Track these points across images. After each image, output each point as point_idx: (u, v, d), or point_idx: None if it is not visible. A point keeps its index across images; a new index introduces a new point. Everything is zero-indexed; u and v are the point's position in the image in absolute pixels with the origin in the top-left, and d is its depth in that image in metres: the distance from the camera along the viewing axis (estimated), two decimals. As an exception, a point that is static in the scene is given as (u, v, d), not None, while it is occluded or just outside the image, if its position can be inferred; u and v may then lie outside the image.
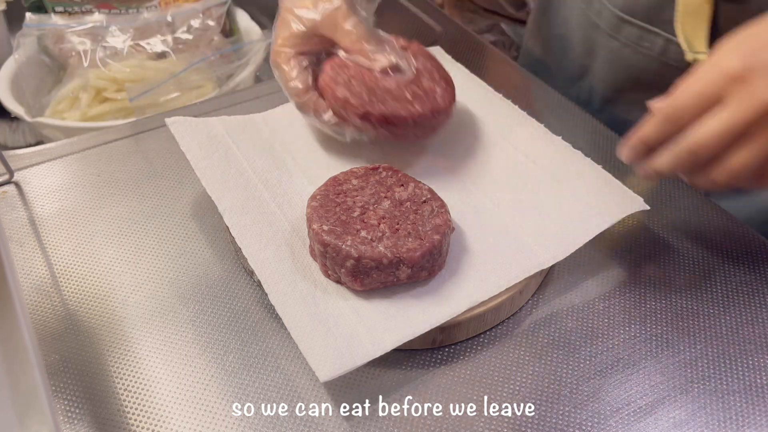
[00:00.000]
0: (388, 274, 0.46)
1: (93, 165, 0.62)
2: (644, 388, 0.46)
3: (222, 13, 0.88)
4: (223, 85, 0.82)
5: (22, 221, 0.57)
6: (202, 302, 0.51)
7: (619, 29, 0.65)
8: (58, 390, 0.45)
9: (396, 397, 0.45)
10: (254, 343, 0.48)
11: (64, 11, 0.86)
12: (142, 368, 0.47)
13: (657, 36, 0.62)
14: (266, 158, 0.57)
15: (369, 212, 0.49)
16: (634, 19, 0.63)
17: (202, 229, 0.56)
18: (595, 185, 0.54)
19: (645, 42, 0.63)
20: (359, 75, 0.54)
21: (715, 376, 0.46)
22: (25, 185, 0.60)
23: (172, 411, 0.44)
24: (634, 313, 0.50)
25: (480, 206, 0.54)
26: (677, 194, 0.60)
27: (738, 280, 0.53)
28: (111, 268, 0.53)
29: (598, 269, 0.53)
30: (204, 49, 0.84)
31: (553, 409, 0.44)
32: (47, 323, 0.49)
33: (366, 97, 0.53)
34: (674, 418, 0.44)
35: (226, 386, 0.45)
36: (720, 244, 0.55)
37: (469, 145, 0.60)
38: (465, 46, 0.79)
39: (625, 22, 0.64)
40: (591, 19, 0.68)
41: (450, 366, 0.47)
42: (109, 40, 0.83)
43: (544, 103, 0.71)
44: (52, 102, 0.81)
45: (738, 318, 0.50)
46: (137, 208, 0.58)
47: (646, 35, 0.63)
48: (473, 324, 0.48)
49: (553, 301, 0.51)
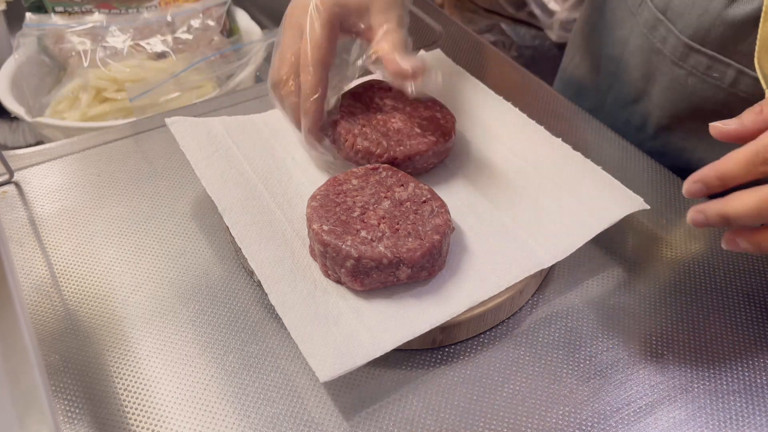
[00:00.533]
0: (388, 274, 0.46)
1: (93, 165, 0.62)
2: (644, 388, 0.46)
3: (222, 13, 0.88)
4: (223, 85, 0.82)
5: (22, 221, 0.57)
6: (202, 302, 0.51)
7: (686, 58, 0.61)
8: (58, 390, 0.45)
9: (396, 397, 0.45)
10: (254, 343, 0.48)
11: (64, 11, 0.86)
12: (142, 368, 0.47)
13: (728, 66, 0.58)
14: (266, 158, 0.57)
15: (369, 212, 0.49)
16: (704, 48, 0.59)
17: (202, 229, 0.56)
18: (595, 185, 0.54)
19: (714, 72, 0.59)
20: (368, 122, 0.56)
21: (715, 376, 0.46)
22: (25, 185, 0.60)
23: (172, 411, 0.44)
24: (634, 313, 0.50)
25: (480, 206, 0.54)
26: (677, 194, 0.60)
27: (738, 279, 0.53)
28: (111, 268, 0.53)
29: (598, 269, 0.53)
30: (204, 49, 0.84)
31: (553, 409, 0.44)
32: (47, 323, 0.49)
33: (384, 143, 0.54)
34: (674, 418, 0.44)
35: (226, 386, 0.45)
36: (720, 244, 0.55)
37: (469, 146, 0.60)
38: (465, 46, 0.79)
39: (693, 51, 0.60)
40: (654, 44, 0.64)
41: (450, 366, 0.47)
42: (109, 40, 0.83)
43: (543, 104, 0.71)
44: (52, 102, 0.81)
45: (738, 318, 0.50)
46: (137, 208, 0.58)
47: (716, 65, 0.59)
48: (473, 324, 0.48)
49: (553, 301, 0.51)
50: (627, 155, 0.64)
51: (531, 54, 1.52)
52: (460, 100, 0.63)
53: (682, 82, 0.62)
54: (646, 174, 0.62)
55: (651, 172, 0.62)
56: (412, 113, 0.57)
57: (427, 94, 0.59)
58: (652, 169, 0.62)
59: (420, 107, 0.58)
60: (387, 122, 0.56)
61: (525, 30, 1.53)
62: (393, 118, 0.56)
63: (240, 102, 0.70)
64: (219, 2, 0.88)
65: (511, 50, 1.53)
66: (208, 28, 0.86)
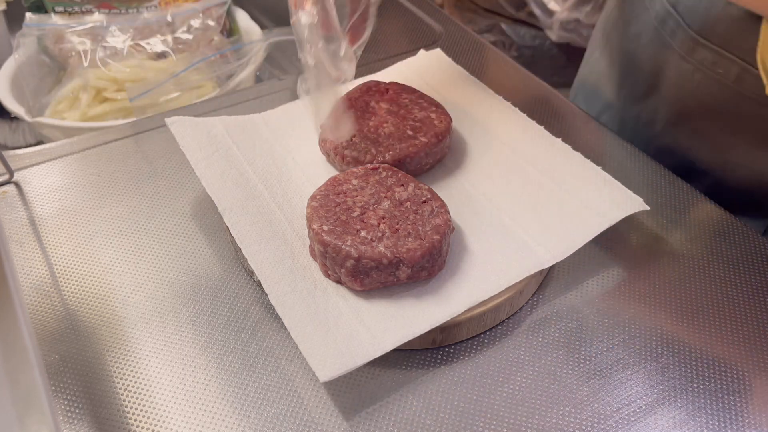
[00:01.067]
0: (388, 274, 0.46)
1: (93, 165, 0.62)
2: (644, 388, 0.46)
3: (222, 13, 0.88)
4: (223, 85, 0.82)
5: (22, 221, 0.57)
6: (202, 302, 0.51)
7: (693, 52, 0.61)
8: (58, 390, 0.45)
9: (396, 397, 0.45)
10: (254, 343, 0.48)
11: (64, 11, 0.86)
12: (142, 368, 0.47)
13: (733, 63, 0.58)
14: (266, 158, 0.57)
15: (369, 212, 0.49)
16: (710, 43, 0.59)
17: (202, 229, 0.56)
18: (595, 186, 0.54)
19: (719, 68, 0.59)
20: (360, 130, 0.56)
21: (715, 376, 0.46)
22: (25, 185, 0.60)
23: (172, 411, 0.44)
24: (634, 313, 0.50)
25: (480, 206, 0.54)
26: (677, 194, 0.60)
27: (738, 279, 0.53)
28: (111, 268, 0.53)
29: (598, 269, 0.53)
30: (204, 49, 0.84)
31: (553, 409, 0.44)
32: (47, 323, 0.49)
33: (373, 150, 0.55)
34: (674, 418, 0.44)
35: (226, 386, 0.45)
36: (720, 244, 0.55)
37: (469, 147, 0.60)
38: (465, 46, 0.79)
39: (700, 45, 0.60)
40: (664, 37, 0.64)
41: (450, 366, 0.47)
42: (109, 40, 0.83)
43: (544, 104, 0.71)
44: (52, 102, 0.81)
45: (738, 318, 0.50)
46: (137, 208, 0.58)
47: (721, 61, 0.59)
48: (473, 324, 0.48)
49: (553, 301, 0.51)
50: (627, 155, 0.64)
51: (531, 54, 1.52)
52: (460, 100, 0.63)
53: (689, 77, 0.62)
54: (646, 174, 0.62)
55: (651, 173, 0.62)
56: (406, 116, 0.57)
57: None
58: (652, 170, 0.62)
59: (415, 108, 0.58)
60: (378, 128, 0.56)
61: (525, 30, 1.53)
62: (385, 122, 0.57)
63: (240, 102, 0.70)
64: (219, 2, 0.88)
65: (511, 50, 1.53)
66: (208, 28, 0.86)
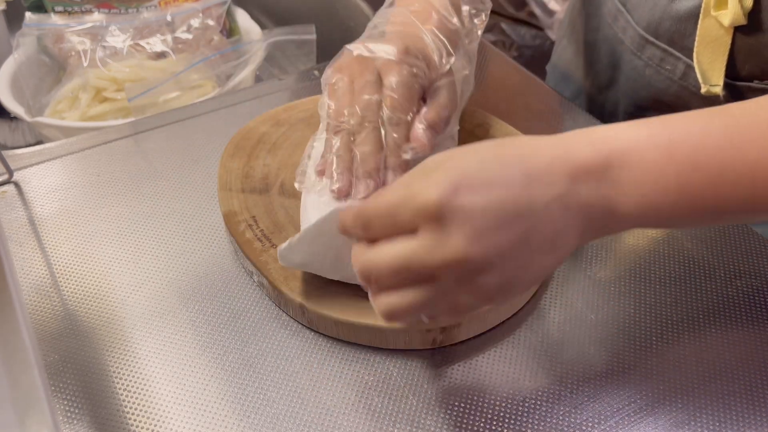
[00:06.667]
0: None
1: (93, 165, 0.62)
2: (644, 388, 0.46)
3: (222, 12, 0.88)
4: (223, 85, 0.82)
5: (22, 221, 0.57)
6: (202, 302, 0.51)
7: (643, 49, 0.63)
8: (58, 390, 0.45)
9: (396, 397, 0.45)
10: (254, 343, 0.48)
11: (63, 11, 0.86)
12: (142, 368, 0.47)
13: (678, 60, 0.60)
14: None
15: None
16: (657, 41, 0.61)
17: (202, 229, 0.56)
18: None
19: (666, 65, 0.61)
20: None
21: (715, 376, 0.46)
22: (25, 185, 0.60)
23: (172, 411, 0.44)
24: (634, 313, 0.50)
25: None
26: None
27: (738, 279, 0.53)
28: (111, 268, 0.53)
29: (598, 269, 0.53)
30: (204, 49, 0.84)
31: (553, 409, 0.44)
32: (47, 323, 0.49)
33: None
34: (674, 418, 0.44)
35: (226, 386, 0.45)
36: (721, 244, 0.55)
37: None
38: (465, 46, 0.79)
39: (648, 43, 0.62)
40: (617, 34, 0.66)
41: (450, 366, 0.47)
42: (109, 40, 0.83)
43: (544, 104, 0.71)
44: (52, 102, 0.81)
45: (739, 318, 0.50)
46: (137, 208, 0.58)
47: (668, 58, 0.61)
48: (473, 324, 0.48)
49: (553, 301, 0.51)
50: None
51: (531, 54, 1.52)
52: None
53: (641, 72, 0.64)
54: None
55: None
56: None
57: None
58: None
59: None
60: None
61: (525, 30, 1.53)
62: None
63: (240, 102, 0.70)
64: (219, 2, 0.88)
65: (511, 50, 1.53)
66: (207, 28, 0.86)
